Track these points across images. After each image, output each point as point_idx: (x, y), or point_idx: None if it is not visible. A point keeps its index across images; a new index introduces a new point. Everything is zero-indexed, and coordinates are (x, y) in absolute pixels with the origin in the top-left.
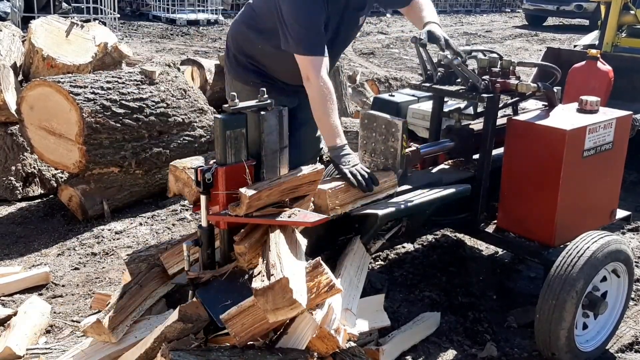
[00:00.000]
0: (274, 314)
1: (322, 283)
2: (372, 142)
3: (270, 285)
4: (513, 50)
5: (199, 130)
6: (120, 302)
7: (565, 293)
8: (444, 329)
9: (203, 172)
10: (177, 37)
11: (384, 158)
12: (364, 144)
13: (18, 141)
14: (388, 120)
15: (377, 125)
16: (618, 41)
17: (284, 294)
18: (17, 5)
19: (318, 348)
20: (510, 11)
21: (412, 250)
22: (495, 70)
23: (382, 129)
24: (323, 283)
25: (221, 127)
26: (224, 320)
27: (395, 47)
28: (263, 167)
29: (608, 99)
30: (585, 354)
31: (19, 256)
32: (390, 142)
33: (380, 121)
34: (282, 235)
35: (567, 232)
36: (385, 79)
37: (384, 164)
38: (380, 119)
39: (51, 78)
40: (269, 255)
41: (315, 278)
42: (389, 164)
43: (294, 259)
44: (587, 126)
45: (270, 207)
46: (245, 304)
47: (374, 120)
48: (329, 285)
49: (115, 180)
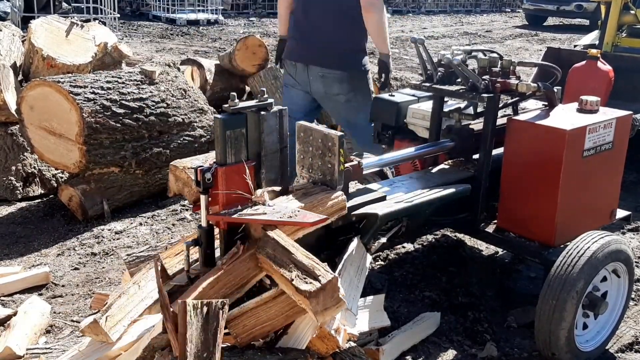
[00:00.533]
0: (322, 315)
1: None
2: (310, 157)
3: (322, 285)
4: (513, 50)
5: (199, 130)
6: (118, 302)
7: (566, 293)
8: (444, 329)
9: (203, 172)
10: (177, 37)
11: (322, 174)
12: (301, 159)
13: (18, 141)
14: (324, 134)
15: (314, 139)
16: (618, 41)
17: (333, 293)
18: (17, 5)
19: (318, 348)
20: (510, 11)
21: (412, 250)
22: (495, 70)
23: (319, 143)
24: None
25: (221, 127)
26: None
27: (395, 47)
28: (263, 167)
29: (608, 99)
30: (585, 354)
31: (19, 256)
32: (327, 158)
33: (317, 135)
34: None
35: (567, 232)
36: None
37: (322, 180)
38: (315, 132)
39: (51, 78)
40: (295, 258)
41: None
42: (327, 180)
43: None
44: (587, 126)
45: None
46: (248, 305)
47: (310, 133)
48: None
49: (115, 180)
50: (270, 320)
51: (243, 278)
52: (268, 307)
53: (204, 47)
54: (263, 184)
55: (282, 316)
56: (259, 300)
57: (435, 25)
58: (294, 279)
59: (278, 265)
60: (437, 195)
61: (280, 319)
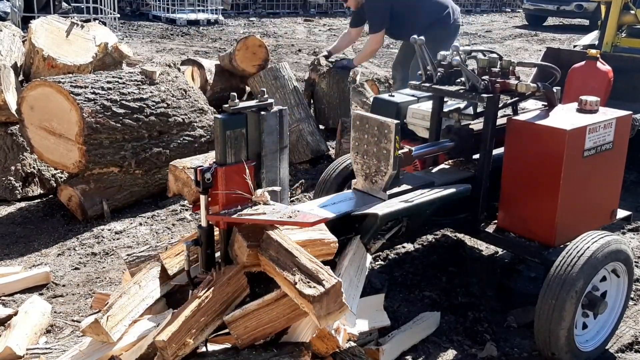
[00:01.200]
0: (325, 319)
1: None
2: (364, 144)
3: (326, 290)
4: (513, 50)
5: (199, 130)
6: (119, 302)
7: (565, 293)
8: (444, 329)
9: (203, 172)
10: (177, 37)
11: (376, 160)
12: (355, 146)
13: (18, 141)
14: (380, 122)
15: (370, 127)
16: (618, 41)
17: (336, 298)
18: (17, 5)
19: (318, 348)
20: (510, 11)
21: (412, 250)
22: (495, 71)
23: (375, 131)
24: None
25: (221, 127)
26: (227, 322)
27: (395, 47)
28: (263, 167)
29: (608, 99)
30: (585, 354)
31: (19, 256)
32: (383, 144)
33: (373, 122)
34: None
35: (568, 232)
36: (385, 79)
37: (376, 166)
38: (372, 120)
39: (52, 78)
40: (299, 261)
41: None
42: (382, 165)
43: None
44: (587, 126)
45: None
46: (250, 307)
47: (366, 121)
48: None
49: (115, 180)
50: (271, 322)
51: (224, 303)
52: (270, 309)
53: (204, 47)
54: (263, 184)
55: (283, 318)
56: (260, 302)
57: None
58: (298, 283)
59: (281, 268)
60: (437, 195)
61: (281, 321)
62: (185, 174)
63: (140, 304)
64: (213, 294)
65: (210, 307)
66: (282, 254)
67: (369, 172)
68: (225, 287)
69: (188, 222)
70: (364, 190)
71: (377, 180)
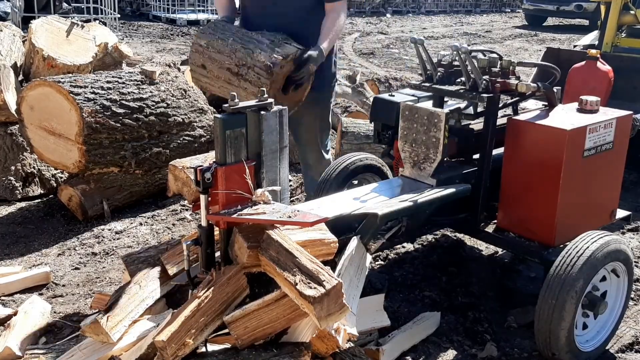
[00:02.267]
0: (326, 320)
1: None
2: (414, 133)
3: (327, 291)
4: (513, 50)
5: (199, 130)
6: (119, 302)
7: (565, 293)
8: (444, 329)
9: (203, 171)
10: (177, 37)
11: (425, 148)
12: (404, 135)
13: (18, 141)
14: (430, 112)
15: (419, 117)
16: (618, 41)
17: (337, 299)
18: (18, 5)
19: (318, 348)
20: (510, 11)
21: (412, 250)
22: (495, 70)
23: (424, 120)
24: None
25: (221, 127)
26: (227, 322)
27: (395, 47)
28: (263, 167)
29: (608, 99)
30: (585, 354)
31: (19, 256)
32: (432, 132)
33: (422, 112)
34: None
35: (567, 232)
36: (385, 79)
37: (425, 153)
38: (422, 110)
39: (51, 78)
40: (299, 262)
41: None
42: (430, 153)
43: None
44: (588, 126)
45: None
46: (250, 307)
47: (416, 111)
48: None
49: (115, 180)
50: (272, 323)
51: (223, 303)
52: (270, 309)
53: None
54: (263, 184)
55: (283, 319)
56: (260, 302)
57: (435, 26)
58: (298, 284)
59: (282, 268)
60: (437, 195)
61: (282, 322)
62: (185, 174)
63: (140, 304)
64: (213, 294)
65: (209, 308)
66: (282, 254)
67: (417, 159)
68: (225, 288)
69: (188, 222)
70: (411, 177)
71: (425, 167)
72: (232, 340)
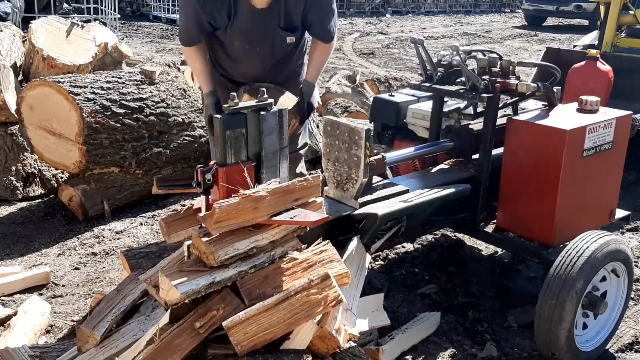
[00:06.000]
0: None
1: (330, 297)
2: (336, 151)
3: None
4: (513, 50)
5: (199, 130)
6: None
7: (565, 293)
8: (444, 329)
9: (203, 172)
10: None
11: (347, 167)
12: (327, 152)
13: (18, 141)
14: (351, 128)
15: (340, 133)
16: (617, 41)
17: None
18: (18, 5)
19: (318, 348)
20: (510, 11)
21: (412, 250)
22: (495, 70)
23: (345, 137)
24: (331, 297)
25: (221, 127)
26: (226, 328)
27: (395, 47)
28: (263, 167)
29: (608, 99)
30: (585, 354)
31: (19, 256)
32: (354, 151)
33: (343, 128)
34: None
35: (567, 232)
36: (385, 79)
37: (347, 173)
38: (343, 125)
39: (51, 78)
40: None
41: (324, 291)
42: (352, 173)
43: None
44: (587, 126)
45: None
46: (249, 312)
47: (337, 127)
48: (337, 300)
49: (115, 180)
50: (272, 328)
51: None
52: (270, 314)
53: None
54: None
55: (284, 323)
56: (260, 306)
57: (435, 26)
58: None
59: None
60: (437, 195)
61: (282, 327)
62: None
63: (121, 302)
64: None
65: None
66: None
67: (340, 179)
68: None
69: None
70: (335, 198)
71: (348, 188)
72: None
